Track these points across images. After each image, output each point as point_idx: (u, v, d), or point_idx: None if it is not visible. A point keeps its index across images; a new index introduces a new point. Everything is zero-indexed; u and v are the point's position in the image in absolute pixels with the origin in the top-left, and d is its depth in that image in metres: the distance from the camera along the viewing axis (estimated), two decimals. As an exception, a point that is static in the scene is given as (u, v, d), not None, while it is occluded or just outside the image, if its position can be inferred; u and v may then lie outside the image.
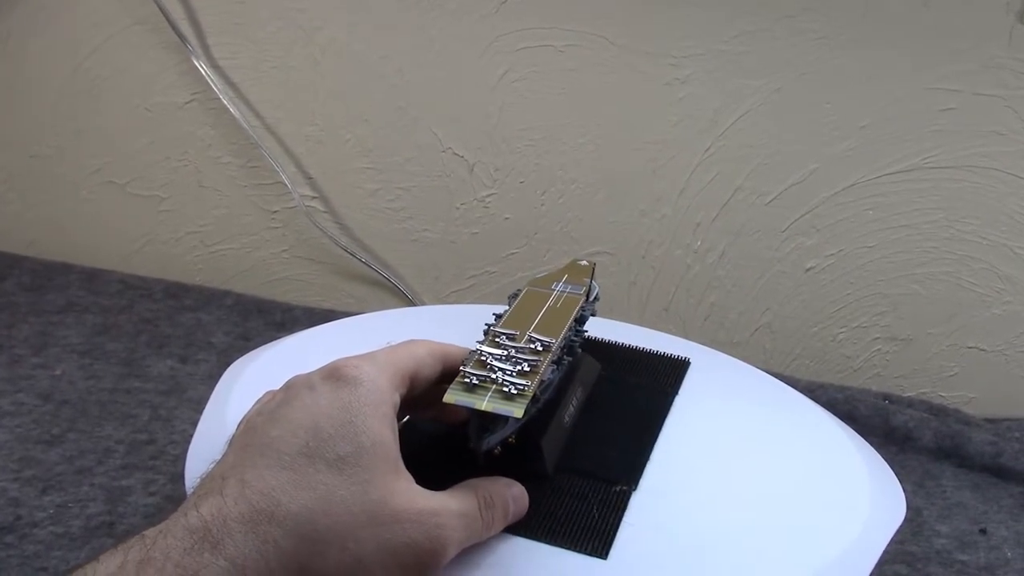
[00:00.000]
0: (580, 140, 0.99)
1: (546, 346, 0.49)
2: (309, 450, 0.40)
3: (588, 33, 0.95)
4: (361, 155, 1.03)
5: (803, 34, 0.91)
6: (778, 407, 0.65)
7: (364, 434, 0.40)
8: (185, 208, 1.09)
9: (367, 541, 0.39)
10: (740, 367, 0.71)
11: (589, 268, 0.65)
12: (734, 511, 0.51)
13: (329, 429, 0.40)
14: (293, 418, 0.41)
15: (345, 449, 0.40)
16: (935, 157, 0.92)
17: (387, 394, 0.43)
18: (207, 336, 0.97)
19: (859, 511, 0.52)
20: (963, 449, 0.87)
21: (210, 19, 1.02)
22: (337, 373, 0.43)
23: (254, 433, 0.42)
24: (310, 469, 0.39)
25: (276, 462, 0.39)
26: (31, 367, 0.87)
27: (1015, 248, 0.93)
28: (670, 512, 0.50)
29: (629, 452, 0.54)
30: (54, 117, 1.08)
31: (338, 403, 0.41)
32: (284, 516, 0.38)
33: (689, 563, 0.46)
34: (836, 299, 0.98)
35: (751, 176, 0.96)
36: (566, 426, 0.55)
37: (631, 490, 0.50)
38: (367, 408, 0.41)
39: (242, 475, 0.39)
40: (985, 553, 0.73)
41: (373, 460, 0.40)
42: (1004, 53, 0.88)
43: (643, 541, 0.47)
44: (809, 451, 0.59)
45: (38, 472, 0.71)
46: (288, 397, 0.43)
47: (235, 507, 0.38)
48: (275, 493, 0.38)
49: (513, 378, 0.45)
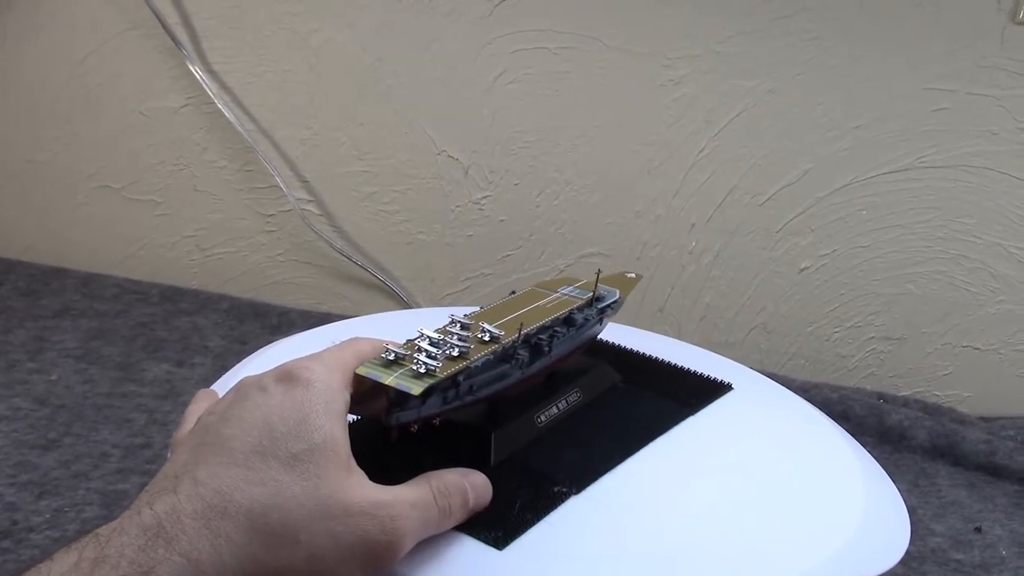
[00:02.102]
0: (575, 142, 0.99)
1: (495, 338, 0.49)
2: (262, 448, 0.40)
3: (582, 35, 0.95)
4: (356, 158, 1.03)
5: (797, 35, 0.92)
6: (813, 445, 0.62)
7: (316, 432, 0.41)
8: (181, 212, 1.09)
9: (319, 535, 0.39)
10: (786, 396, 0.69)
11: (634, 281, 0.65)
12: (698, 522, 0.50)
13: (282, 428, 0.41)
14: (246, 417, 0.42)
15: (297, 447, 0.41)
16: (929, 157, 0.93)
17: (337, 393, 0.44)
18: (203, 340, 0.97)
19: (852, 518, 0.52)
20: (958, 448, 0.87)
21: (205, 23, 1.02)
22: (289, 375, 0.44)
23: (207, 432, 0.42)
24: (263, 466, 0.40)
25: (230, 460, 0.40)
26: (27, 371, 0.87)
27: (1009, 247, 0.94)
28: (607, 518, 0.49)
29: (593, 459, 0.53)
30: (50, 122, 1.08)
31: (290, 403, 0.42)
32: (237, 511, 0.39)
33: (601, 567, 0.45)
34: (831, 299, 0.99)
35: (745, 177, 0.96)
36: (539, 425, 0.55)
37: (571, 493, 0.50)
38: (319, 407, 0.42)
39: (195, 473, 0.40)
40: (980, 552, 0.74)
41: (325, 457, 0.41)
42: (997, 53, 0.89)
43: (554, 541, 0.47)
44: (806, 460, 0.59)
45: (34, 477, 0.71)
46: (240, 397, 0.43)
47: (188, 504, 0.39)
48: (228, 490, 0.39)
49: (429, 360, 0.45)
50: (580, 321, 0.57)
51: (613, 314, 0.63)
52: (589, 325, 0.59)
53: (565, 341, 0.56)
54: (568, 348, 0.57)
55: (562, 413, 0.57)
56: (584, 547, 0.47)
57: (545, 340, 0.54)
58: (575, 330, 0.57)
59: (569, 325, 0.56)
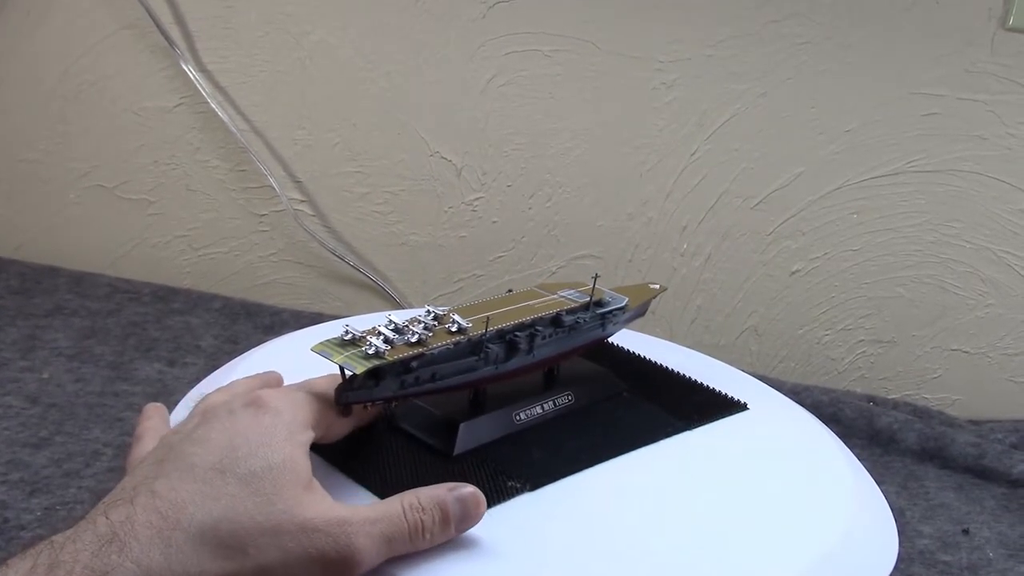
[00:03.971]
0: (567, 144, 0.99)
1: (461, 329, 0.50)
2: (222, 466, 0.41)
3: (575, 38, 0.96)
4: (349, 159, 1.04)
5: (789, 39, 0.92)
6: (818, 471, 0.58)
7: (275, 453, 0.42)
8: (173, 212, 1.09)
9: (269, 548, 0.40)
10: (800, 417, 0.66)
11: (656, 291, 0.65)
12: (658, 531, 0.49)
13: (244, 448, 0.42)
14: (210, 437, 0.43)
15: (256, 465, 0.41)
16: (919, 161, 0.93)
17: (302, 426, 0.45)
18: (195, 339, 0.97)
19: (839, 520, 0.52)
20: (946, 450, 0.87)
21: (198, 23, 1.02)
22: (258, 401, 0.45)
23: (170, 450, 0.43)
24: (219, 482, 0.41)
25: (188, 475, 0.41)
26: (19, 370, 0.87)
27: (998, 251, 0.94)
28: (556, 518, 0.48)
29: (560, 461, 0.53)
30: (42, 121, 1.08)
31: (256, 427, 0.43)
32: (189, 523, 0.39)
33: (525, 564, 0.45)
34: (821, 302, 0.99)
35: (737, 180, 0.97)
36: (517, 422, 0.55)
37: (524, 489, 0.50)
38: (282, 433, 0.43)
39: (152, 486, 0.41)
40: (968, 554, 0.74)
41: (282, 476, 0.42)
42: (987, 58, 0.89)
43: (489, 533, 0.46)
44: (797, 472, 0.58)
45: (26, 475, 0.71)
46: (207, 419, 0.44)
47: (143, 514, 0.39)
48: (183, 503, 0.40)
49: (381, 343, 0.47)
50: (571, 323, 0.56)
51: (626, 321, 0.62)
52: (584, 328, 0.58)
53: (553, 342, 0.56)
54: (557, 350, 0.56)
55: (547, 413, 0.57)
56: (517, 543, 0.46)
57: (522, 338, 0.53)
58: (565, 332, 0.56)
59: (557, 326, 0.56)
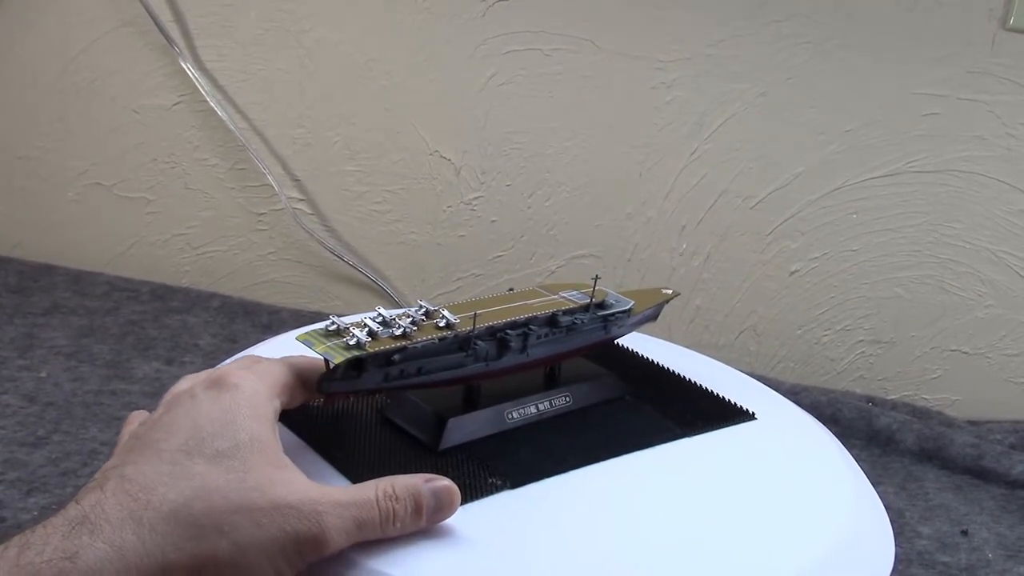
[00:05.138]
0: (566, 143, 0.99)
1: (449, 325, 0.50)
2: (188, 447, 0.42)
3: (575, 37, 0.96)
4: (348, 158, 1.03)
5: (789, 39, 0.92)
6: (821, 484, 0.56)
7: (242, 432, 0.43)
8: (172, 210, 1.09)
9: (243, 527, 0.40)
10: (810, 427, 0.64)
11: (667, 296, 0.63)
12: (635, 537, 0.47)
13: (208, 428, 0.42)
14: (174, 421, 0.43)
15: (222, 445, 0.42)
16: (919, 161, 0.93)
17: (266, 398, 0.45)
18: (193, 338, 0.96)
19: (837, 521, 0.51)
20: (945, 451, 0.87)
21: (198, 21, 1.02)
22: (218, 382, 0.45)
23: (137, 439, 0.43)
24: (188, 463, 0.41)
25: (155, 458, 0.41)
26: (16, 369, 0.86)
27: (997, 252, 0.94)
28: (536, 515, 0.48)
29: (545, 460, 0.52)
30: (41, 119, 1.08)
31: (218, 406, 0.44)
32: (160, 503, 0.40)
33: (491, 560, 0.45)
34: (820, 302, 0.99)
35: (736, 180, 0.97)
36: (509, 420, 0.55)
37: (504, 486, 0.49)
38: (246, 410, 0.44)
39: (122, 472, 0.41)
40: (967, 554, 0.74)
41: (251, 454, 0.42)
42: (987, 59, 0.89)
43: (460, 524, 0.46)
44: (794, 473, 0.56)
45: (23, 474, 0.71)
46: (171, 406, 0.45)
47: (113, 498, 0.40)
48: (153, 484, 0.40)
49: (363, 335, 0.47)
50: (567, 324, 0.56)
51: (634, 325, 0.61)
52: (583, 330, 0.57)
53: (549, 342, 0.55)
54: (553, 350, 0.56)
55: (542, 413, 0.56)
56: (493, 540, 0.46)
57: (513, 336, 0.53)
58: (563, 332, 0.56)
59: (553, 326, 0.56)
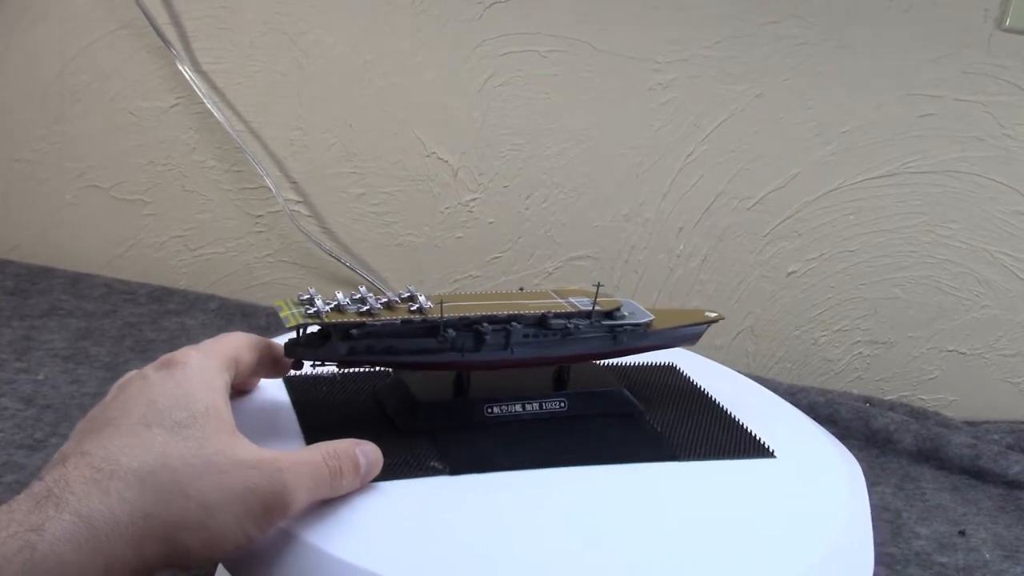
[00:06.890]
0: (564, 145, 0.99)
1: (421, 310, 0.53)
2: (146, 420, 0.43)
3: (571, 38, 0.96)
4: (345, 159, 1.03)
5: (786, 40, 0.92)
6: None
7: (197, 403, 0.44)
8: (169, 212, 1.09)
9: (209, 489, 0.41)
10: (798, 419, 0.62)
11: (710, 318, 0.61)
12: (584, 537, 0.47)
13: (163, 402, 0.44)
14: (129, 400, 0.45)
15: (180, 415, 0.43)
16: (916, 162, 0.93)
17: (215, 372, 0.47)
18: (191, 340, 0.95)
19: (835, 522, 0.51)
20: (943, 452, 0.87)
21: (194, 23, 1.02)
22: (167, 362, 0.47)
23: (93, 420, 0.45)
24: (148, 434, 0.42)
25: (115, 431, 0.43)
26: (13, 371, 0.86)
27: (994, 252, 0.94)
28: (462, 503, 0.48)
29: (504, 456, 0.52)
30: (38, 121, 1.08)
31: (171, 382, 0.45)
32: (126, 472, 0.40)
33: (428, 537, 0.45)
34: (818, 303, 0.99)
35: (733, 181, 0.97)
36: (487, 414, 0.55)
37: (443, 471, 0.50)
38: (198, 384, 0.46)
39: (82, 448, 0.42)
40: (964, 555, 0.74)
41: (208, 423, 0.44)
42: (984, 59, 0.89)
43: (386, 498, 0.48)
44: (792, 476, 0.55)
45: (20, 477, 0.71)
46: (124, 387, 0.46)
47: (76, 471, 0.40)
48: (116, 454, 0.41)
49: (324, 306, 0.51)
50: (559, 327, 0.55)
51: (661, 343, 0.60)
52: (583, 336, 0.56)
53: (540, 344, 0.55)
54: (544, 352, 0.55)
55: (526, 413, 0.56)
56: (408, 520, 0.47)
57: (490, 330, 0.54)
58: (556, 336, 0.55)
59: (543, 327, 0.55)
